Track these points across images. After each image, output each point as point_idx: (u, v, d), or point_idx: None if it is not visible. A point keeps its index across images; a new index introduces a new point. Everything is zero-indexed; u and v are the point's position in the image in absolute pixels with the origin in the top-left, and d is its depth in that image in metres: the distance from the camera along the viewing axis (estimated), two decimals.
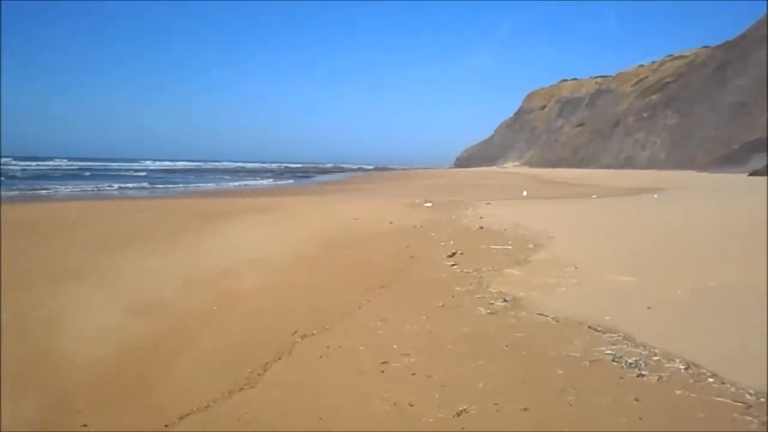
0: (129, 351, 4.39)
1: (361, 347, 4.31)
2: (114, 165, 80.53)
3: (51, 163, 76.77)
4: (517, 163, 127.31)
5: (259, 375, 3.84)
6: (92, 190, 27.75)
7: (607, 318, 4.74)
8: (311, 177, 59.41)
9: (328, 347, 4.32)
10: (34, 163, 71.11)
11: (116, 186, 30.69)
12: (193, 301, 5.85)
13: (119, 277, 6.94)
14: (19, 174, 43.64)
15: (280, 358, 4.13)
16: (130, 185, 32.31)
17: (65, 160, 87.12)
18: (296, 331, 4.69)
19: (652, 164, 75.27)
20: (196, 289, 6.32)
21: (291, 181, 48.19)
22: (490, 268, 7.04)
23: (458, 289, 6.06)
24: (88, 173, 49.46)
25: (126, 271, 7.31)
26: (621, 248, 8.48)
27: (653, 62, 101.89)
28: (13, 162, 70.42)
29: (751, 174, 38.06)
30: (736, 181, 32.28)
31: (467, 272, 6.90)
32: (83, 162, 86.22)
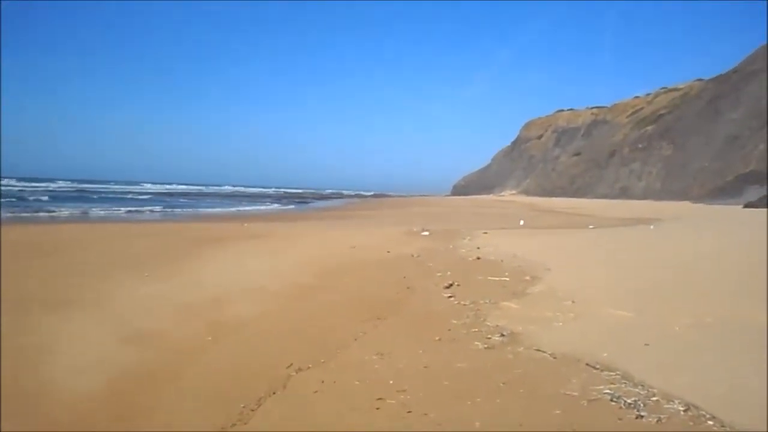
0: (120, 382, 4.32)
1: (356, 382, 4.26)
2: (117, 187, 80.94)
3: (54, 184, 76.93)
4: (514, 192, 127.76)
5: (252, 410, 3.78)
6: (102, 213, 27.68)
7: (605, 355, 4.70)
8: (309, 203, 59.46)
9: (323, 382, 4.27)
10: (40, 185, 71.56)
11: (124, 209, 30.62)
12: (186, 330, 5.79)
13: (113, 304, 6.87)
14: (27, 196, 43.62)
15: (274, 393, 4.07)
16: (145, 209, 32.32)
17: (69, 182, 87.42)
18: (291, 364, 4.63)
19: (647, 194, 75.65)
20: (190, 318, 6.26)
21: (289, 206, 48.20)
22: (487, 301, 7.01)
23: (455, 322, 6.02)
24: (95, 196, 49.45)
25: (120, 297, 7.24)
26: (617, 281, 8.48)
27: (648, 94, 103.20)
28: (15, 182, 70.55)
29: (746, 206, 38.25)
30: (732, 212, 32.42)
31: (464, 304, 6.87)
32: (84, 184, 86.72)
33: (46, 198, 40.66)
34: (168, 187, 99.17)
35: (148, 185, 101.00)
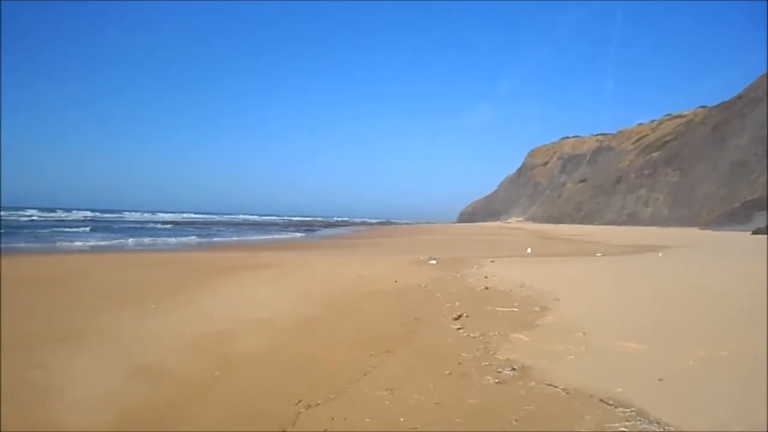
0: (126, 422, 4.26)
1: (366, 419, 4.20)
2: (129, 217, 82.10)
3: (69, 214, 77.99)
4: (520, 218, 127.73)
5: None
6: (130, 243, 27.90)
7: (619, 390, 4.62)
8: (315, 231, 59.54)
9: (333, 419, 4.21)
10: (59, 214, 72.85)
11: (149, 239, 30.99)
12: (193, 364, 5.74)
13: (120, 337, 6.83)
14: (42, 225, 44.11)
15: (284, 431, 4.01)
16: (173, 239, 32.66)
17: (87, 212, 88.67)
18: (300, 401, 4.58)
19: (654, 221, 75.48)
20: (197, 353, 6.21)
21: (297, 234, 48.28)
22: (497, 333, 6.95)
23: (465, 355, 5.95)
24: (116, 226, 49.94)
25: (127, 330, 7.21)
26: (628, 312, 8.39)
27: (652, 121, 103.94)
28: (38, 214, 71.70)
29: (755, 232, 38.02)
30: (740, 239, 32.23)
31: (473, 337, 6.81)
32: (98, 213, 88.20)
33: (87, 229, 41.19)
34: (182, 215, 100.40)
35: (160, 214, 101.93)
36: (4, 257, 16.58)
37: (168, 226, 54.91)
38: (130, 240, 30.08)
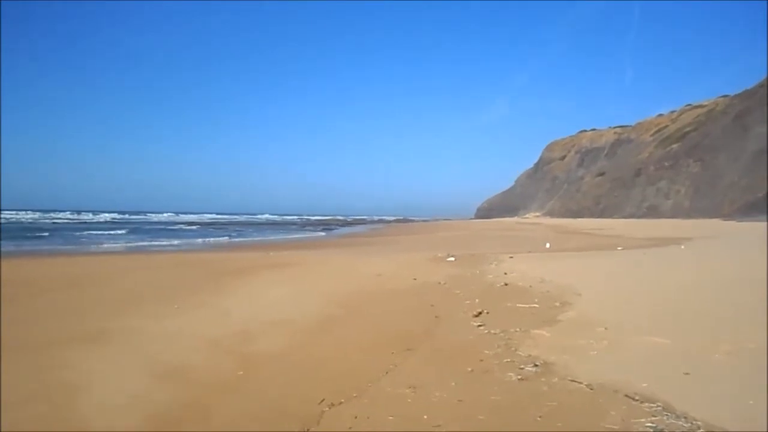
0: (152, 421, 4.32)
1: (390, 417, 4.21)
2: (155, 218, 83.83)
3: (99, 216, 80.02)
4: (538, 214, 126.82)
5: None
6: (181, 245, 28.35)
7: (644, 385, 4.58)
8: (333, 229, 59.75)
9: (356, 417, 4.23)
10: (89, 217, 75.05)
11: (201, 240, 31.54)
12: (217, 364, 5.81)
13: (144, 338, 6.92)
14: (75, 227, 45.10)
15: (308, 431, 4.04)
16: (208, 240, 33.41)
17: (116, 213, 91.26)
18: (323, 400, 4.61)
19: (676, 213, 74.43)
20: (220, 352, 6.28)
21: (314, 233, 48.51)
22: (518, 329, 6.91)
23: (486, 352, 5.93)
24: (147, 227, 50.99)
25: (151, 331, 7.30)
26: (650, 305, 8.29)
27: (672, 112, 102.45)
28: (69, 216, 73.90)
29: None
30: (764, 229, 31.60)
31: (494, 333, 6.78)
32: (126, 214, 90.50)
33: (123, 231, 41.91)
34: (205, 216, 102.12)
35: (182, 215, 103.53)
36: (40, 258, 16.91)
37: (194, 227, 55.79)
38: (165, 241, 30.56)
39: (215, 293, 10.46)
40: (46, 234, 35.71)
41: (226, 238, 36.53)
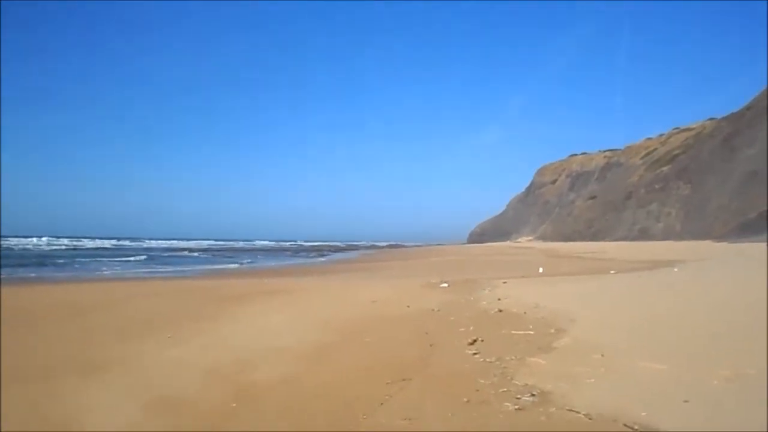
0: None
1: None
2: (154, 244, 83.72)
3: (98, 242, 79.85)
4: (530, 238, 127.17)
5: None
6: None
7: (643, 414, 4.52)
8: (326, 255, 59.65)
9: None
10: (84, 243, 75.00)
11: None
12: (210, 395, 5.72)
13: (138, 369, 6.84)
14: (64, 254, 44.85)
15: None
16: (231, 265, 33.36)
17: (113, 240, 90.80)
18: None
19: (667, 235, 74.85)
20: (215, 383, 6.18)
21: (307, 260, 48.39)
22: (513, 357, 6.85)
23: (482, 381, 5.86)
24: (154, 253, 51.04)
25: (144, 360, 7.23)
26: (646, 330, 8.26)
27: (660, 135, 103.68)
28: (68, 241, 74.01)
29: None
30: (757, 250, 31.77)
31: (490, 362, 6.71)
32: (119, 240, 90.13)
33: (143, 257, 42.38)
34: (204, 243, 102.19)
35: (174, 242, 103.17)
36: (41, 285, 16.69)
37: (195, 253, 56.30)
38: (184, 267, 30.57)
39: (212, 320, 10.43)
40: (61, 261, 35.53)
41: (237, 264, 37.36)
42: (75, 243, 75.19)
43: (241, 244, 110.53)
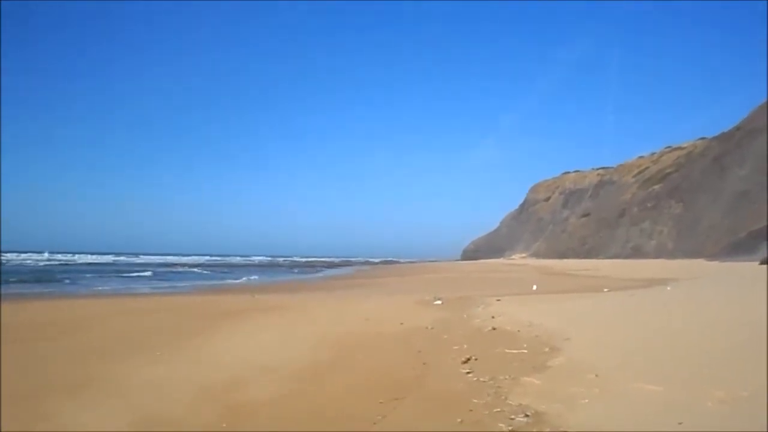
0: None
1: None
2: (151, 260, 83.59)
3: (100, 258, 79.86)
4: (524, 255, 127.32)
5: None
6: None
7: None
8: (319, 271, 59.42)
9: None
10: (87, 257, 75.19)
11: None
12: (200, 415, 5.64)
13: (125, 388, 6.74)
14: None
15: None
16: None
17: (110, 256, 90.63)
18: None
19: (660, 253, 75.12)
20: (203, 402, 6.10)
21: (300, 276, 48.21)
22: (507, 377, 6.80)
23: (476, 401, 5.81)
24: (156, 269, 50.57)
25: (133, 379, 7.13)
26: (640, 350, 8.23)
27: (653, 153, 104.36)
28: (63, 257, 74.09)
29: (763, 262, 37.62)
30: (749, 270, 31.89)
31: (483, 381, 6.67)
32: (116, 256, 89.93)
33: (148, 273, 42.08)
34: (200, 258, 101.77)
35: (172, 257, 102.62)
36: (51, 300, 16.50)
37: (199, 270, 55.64)
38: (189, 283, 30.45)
39: (203, 337, 10.31)
40: (65, 277, 35.12)
41: (244, 279, 38.38)
42: (71, 259, 75.02)
43: (237, 259, 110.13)
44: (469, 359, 7.88)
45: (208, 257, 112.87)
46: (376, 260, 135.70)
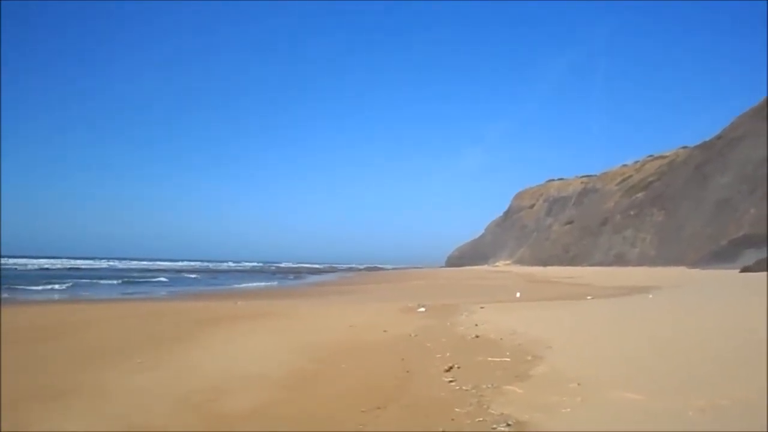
0: None
1: None
2: (137, 265, 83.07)
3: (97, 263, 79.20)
4: (508, 262, 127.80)
5: None
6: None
7: None
8: (304, 278, 59.19)
9: None
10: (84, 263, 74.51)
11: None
12: (181, 426, 5.54)
13: (106, 396, 6.62)
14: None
15: None
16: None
17: (104, 260, 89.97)
18: None
19: (642, 261, 75.75)
20: (185, 411, 6.01)
21: (284, 282, 47.96)
22: (490, 385, 6.79)
23: (458, 410, 5.79)
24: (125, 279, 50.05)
25: (113, 388, 6.99)
26: (622, 358, 8.28)
27: (636, 162, 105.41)
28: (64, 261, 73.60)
29: (743, 270, 38.17)
30: (730, 278, 32.33)
31: (466, 390, 6.65)
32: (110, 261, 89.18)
33: (164, 278, 42.08)
34: (179, 264, 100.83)
35: (156, 263, 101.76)
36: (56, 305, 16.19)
37: (196, 276, 55.08)
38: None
39: (184, 344, 10.18)
40: (67, 282, 34.69)
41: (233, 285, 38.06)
42: (70, 263, 74.53)
43: (230, 264, 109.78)
44: (452, 367, 7.86)
45: (198, 263, 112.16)
46: (361, 267, 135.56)
